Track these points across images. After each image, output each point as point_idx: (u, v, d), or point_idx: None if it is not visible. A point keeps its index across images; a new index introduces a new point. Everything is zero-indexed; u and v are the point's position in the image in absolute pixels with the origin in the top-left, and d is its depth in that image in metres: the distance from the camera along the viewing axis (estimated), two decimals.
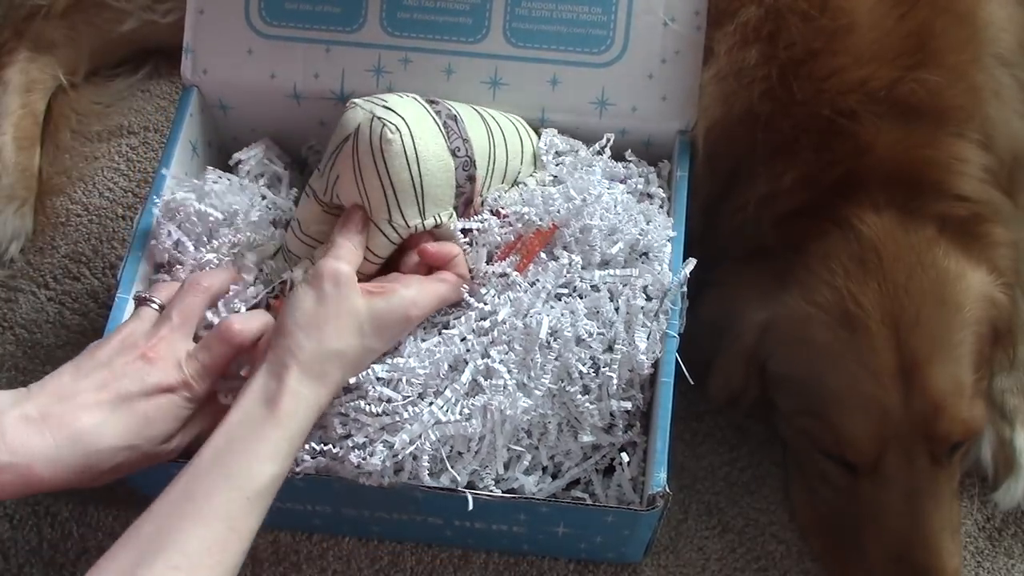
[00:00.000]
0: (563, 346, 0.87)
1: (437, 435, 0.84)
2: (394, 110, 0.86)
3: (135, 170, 1.25)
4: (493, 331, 0.88)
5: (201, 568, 0.68)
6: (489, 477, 0.87)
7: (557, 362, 0.87)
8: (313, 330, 0.79)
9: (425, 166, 0.86)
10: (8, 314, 1.14)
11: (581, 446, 0.89)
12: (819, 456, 0.94)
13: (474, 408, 0.85)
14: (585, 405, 0.86)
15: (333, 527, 1.00)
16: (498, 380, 0.86)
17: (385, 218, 0.86)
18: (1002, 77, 0.95)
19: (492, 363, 0.87)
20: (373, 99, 0.88)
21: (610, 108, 1.00)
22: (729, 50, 0.94)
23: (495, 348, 0.88)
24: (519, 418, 0.86)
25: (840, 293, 0.88)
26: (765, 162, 0.93)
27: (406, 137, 0.85)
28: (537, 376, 0.87)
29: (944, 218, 0.90)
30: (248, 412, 0.76)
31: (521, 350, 0.88)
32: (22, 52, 1.26)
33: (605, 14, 0.99)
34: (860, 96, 0.90)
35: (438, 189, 0.88)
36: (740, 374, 0.96)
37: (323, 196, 0.90)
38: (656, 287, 0.90)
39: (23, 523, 1.02)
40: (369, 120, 0.85)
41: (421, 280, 0.88)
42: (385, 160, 0.85)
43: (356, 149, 0.85)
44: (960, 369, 0.88)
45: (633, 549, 0.96)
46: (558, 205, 0.92)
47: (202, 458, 0.73)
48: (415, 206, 0.87)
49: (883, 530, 0.90)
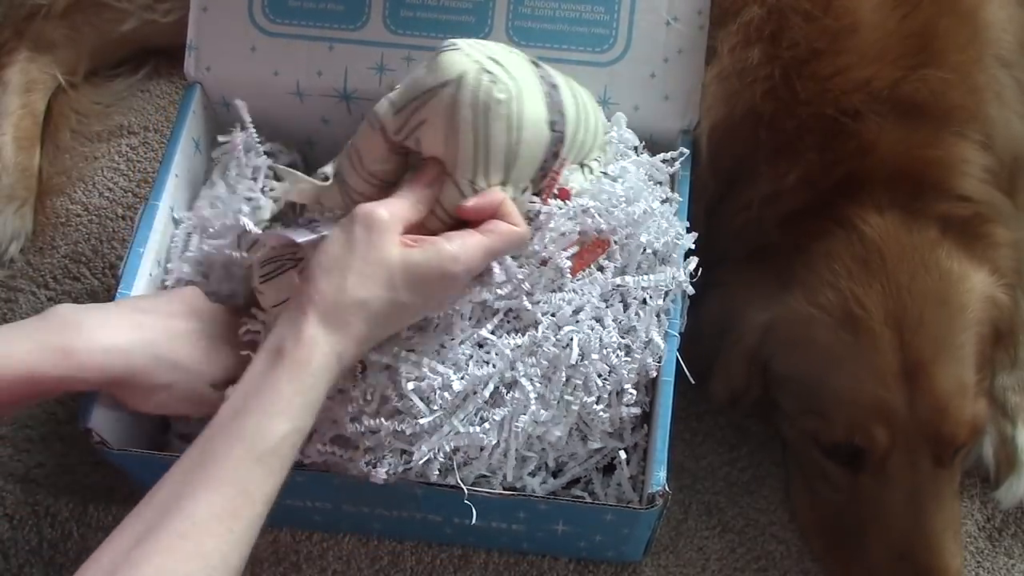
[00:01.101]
0: (588, 362, 0.85)
1: (452, 446, 0.84)
2: (505, 68, 0.81)
3: (135, 170, 1.24)
4: (529, 344, 0.85)
5: (209, 536, 0.64)
6: (496, 480, 0.87)
7: (580, 379, 0.86)
8: (335, 275, 0.74)
9: (524, 135, 0.81)
10: (8, 314, 1.14)
11: (588, 449, 0.89)
12: (820, 456, 0.94)
13: (493, 421, 0.84)
14: (598, 414, 0.86)
15: (333, 524, 1.00)
16: (520, 394, 0.84)
17: (468, 178, 0.81)
18: (1003, 78, 0.96)
19: (518, 375, 0.85)
20: (476, 44, 0.82)
21: (612, 107, 1.00)
22: (732, 50, 0.94)
23: (522, 361, 0.85)
24: (536, 430, 0.86)
25: (843, 294, 0.88)
26: (768, 162, 0.93)
27: (515, 101, 0.80)
28: (559, 394, 0.85)
29: (946, 219, 0.90)
30: (262, 362, 0.72)
31: (546, 365, 0.85)
32: (22, 52, 1.26)
33: (608, 13, 0.99)
34: (863, 96, 0.90)
35: (528, 160, 0.83)
36: (742, 374, 0.96)
37: (395, 135, 0.82)
38: (675, 292, 0.89)
39: (23, 523, 1.01)
40: (478, 72, 0.79)
41: (465, 233, 0.80)
42: (488, 120, 0.79)
43: (458, 100, 0.79)
44: (963, 369, 0.88)
45: (633, 548, 0.96)
46: (620, 210, 0.88)
47: (220, 416, 0.70)
48: (501, 173, 0.81)
49: (885, 530, 0.90)
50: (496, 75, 0.80)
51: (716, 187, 0.98)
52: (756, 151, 0.94)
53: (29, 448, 1.05)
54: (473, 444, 0.84)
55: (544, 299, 0.87)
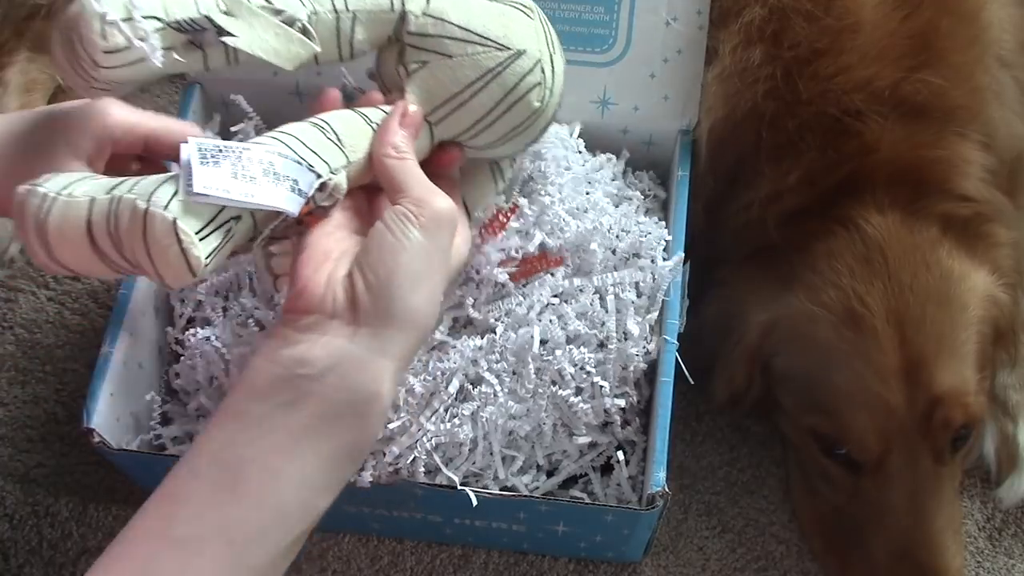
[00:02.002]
0: (553, 352, 0.86)
1: (432, 443, 0.84)
2: (556, 73, 0.79)
3: None
4: (487, 345, 0.87)
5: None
6: (487, 477, 0.87)
7: (548, 368, 0.87)
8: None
9: (517, 147, 0.81)
10: (8, 314, 1.14)
11: (578, 446, 0.89)
12: (821, 456, 0.94)
13: (463, 416, 0.85)
14: (579, 405, 0.86)
15: (333, 524, 1.00)
16: (487, 388, 0.85)
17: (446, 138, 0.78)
18: (1003, 78, 0.96)
19: (482, 371, 0.86)
20: (547, 24, 0.80)
21: (612, 107, 1.00)
22: (733, 50, 0.94)
23: (486, 358, 0.87)
24: (511, 424, 0.86)
25: (845, 292, 0.88)
26: (769, 161, 0.94)
27: (541, 116, 0.79)
28: (529, 387, 0.86)
29: (947, 218, 0.91)
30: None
31: (514, 360, 0.87)
32: (22, 52, 1.26)
33: (607, 13, 0.99)
34: (865, 95, 0.91)
35: (519, 146, 0.82)
36: (743, 373, 0.96)
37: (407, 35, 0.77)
38: (647, 284, 0.90)
39: (23, 523, 1.01)
40: (535, 63, 0.77)
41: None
42: (509, 111, 0.77)
43: (499, 73, 0.76)
44: (964, 367, 0.88)
45: (633, 548, 0.96)
46: (571, 231, 0.90)
47: None
48: (498, 147, 0.80)
49: (885, 529, 0.90)
50: (546, 80, 0.78)
51: (716, 187, 0.98)
52: (757, 151, 0.94)
53: (29, 448, 1.05)
54: (452, 442, 0.85)
55: (492, 307, 0.88)
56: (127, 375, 0.91)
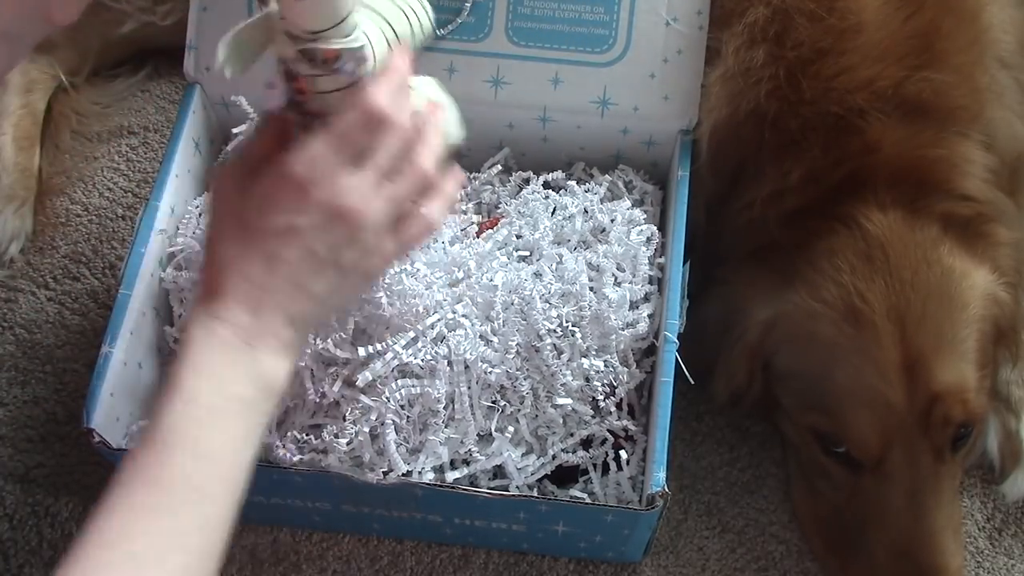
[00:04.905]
0: (526, 303, 0.89)
1: (403, 393, 0.86)
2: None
3: (135, 170, 1.24)
4: (459, 285, 0.91)
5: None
6: (470, 443, 0.87)
7: (524, 321, 0.88)
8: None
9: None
10: (8, 314, 1.14)
11: (563, 416, 0.89)
12: (821, 454, 0.94)
13: (437, 356, 0.87)
14: (557, 366, 0.87)
15: (333, 524, 0.99)
16: (461, 331, 0.88)
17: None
18: (1004, 79, 0.97)
19: (457, 316, 0.88)
20: None
21: (612, 107, 1.00)
22: (736, 50, 0.94)
23: (460, 303, 0.90)
24: (487, 376, 0.87)
25: (847, 289, 0.89)
26: (772, 161, 0.94)
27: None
28: (501, 331, 0.88)
29: (948, 217, 0.91)
30: None
31: (484, 303, 0.89)
32: None
33: (608, 13, 0.99)
34: (867, 95, 0.91)
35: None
36: (744, 372, 0.96)
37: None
38: (627, 258, 0.94)
39: (23, 523, 1.01)
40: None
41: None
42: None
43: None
44: (964, 364, 0.88)
45: (633, 548, 0.96)
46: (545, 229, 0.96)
47: None
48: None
49: (886, 528, 0.90)
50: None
51: (717, 186, 0.99)
52: (760, 150, 0.95)
53: (29, 448, 1.05)
54: (425, 393, 0.86)
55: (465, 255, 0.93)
56: (127, 375, 0.91)
